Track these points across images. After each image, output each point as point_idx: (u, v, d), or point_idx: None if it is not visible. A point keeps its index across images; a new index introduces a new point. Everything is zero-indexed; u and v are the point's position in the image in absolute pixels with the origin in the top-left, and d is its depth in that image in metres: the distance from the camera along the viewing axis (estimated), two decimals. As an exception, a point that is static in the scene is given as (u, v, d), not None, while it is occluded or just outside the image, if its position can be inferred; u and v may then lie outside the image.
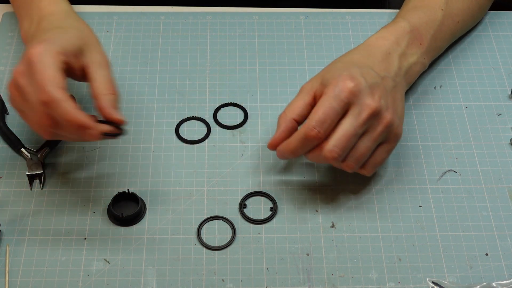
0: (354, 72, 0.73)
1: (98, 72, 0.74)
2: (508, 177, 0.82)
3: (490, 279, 0.74)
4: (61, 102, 0.68)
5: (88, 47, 0.75)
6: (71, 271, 0.74)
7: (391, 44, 0.81)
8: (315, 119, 0.71)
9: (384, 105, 0.73)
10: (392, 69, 0.79)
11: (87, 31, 0.78)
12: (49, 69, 0.69)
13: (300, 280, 0.74)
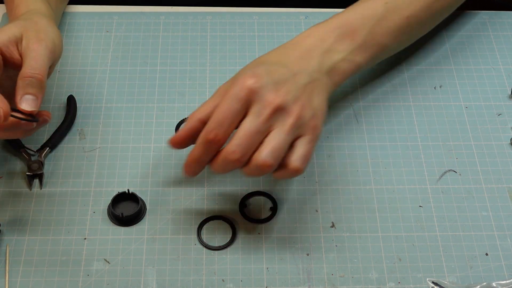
0: (258, 70, 0.71)
1: (27, 55, 0.71)
2: (508, 177, 0.82)
3: (490, 279, 0.74)
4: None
5: (27, 34, 0.73)
6: (71, 271, 0.74)
7: (315, 41, 0.77)
8: (213, 121, 0.68)
9: (291, 99, 0.70)
10: (310, 66, 0.75)
11: (36, 21, 0.76)
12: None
13: (300, 280, 0.74)
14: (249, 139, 0.68)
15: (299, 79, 0.72)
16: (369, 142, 0.85)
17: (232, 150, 0.68)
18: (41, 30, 0.75)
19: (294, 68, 0.73)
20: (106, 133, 0.85)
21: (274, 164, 0.69)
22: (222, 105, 0.69)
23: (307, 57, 0.76)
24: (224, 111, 0.68)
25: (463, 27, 0.98)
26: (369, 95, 0.90)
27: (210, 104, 0.71)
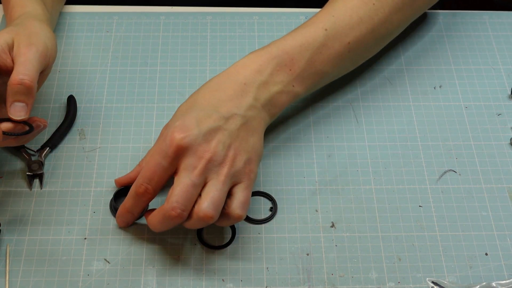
0: (187, 121, 0.70)
1: (16, 61, 0.70)
2: (508, 177, 0.82)
3: (490, 279, 0.74)
4: None
5: (18, 39, 0.72)
6: (71, 271, 0.74)
7: (251, 73, 0.75)
8: (142, 176, 0.70)
9: (222, 149, 0.70)
10: (244, 104, 0.73)
11: (28, 25, 0.75)
12: None
13: (300, 280, 0.74)
14: (186, 194, 0.68)
15: (231, 125, 0.72)
16: (369, 142, 0.85)
17: (171, 207, 0.68)
18: (32, 34, 0.73)
19: (226, 111, 0.72)
20: (106, 133, 0.85)
21: (215, 215, 0.69)
22: (150, 160, 0.70)
23: (242, 93, 0.74)
24: (153, 167, 0.70)
25: (463, 27, 0.98)
26: (369, 95, 0.90)
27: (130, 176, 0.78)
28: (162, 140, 0.71)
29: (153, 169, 0.70)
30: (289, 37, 0.80)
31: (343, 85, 0.91)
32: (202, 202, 0.69)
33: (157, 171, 0.70)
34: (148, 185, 0.70)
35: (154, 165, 0.70)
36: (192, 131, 0.69)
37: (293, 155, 0.84)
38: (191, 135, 0.69)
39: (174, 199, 0.68)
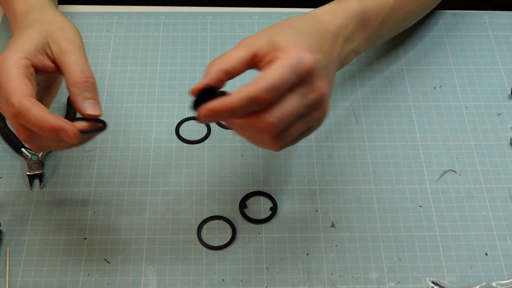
0: (311, 45, 0.66)
1: (66, 59, 0.69)
2: (508, 177, 0.82)
3: (490, 279, 0.74)
4: (28, 110, 0.63)
5: (52, 37, 0.70)
6: (71, 271, 0.74)
7: (340, 24, 0.73)
8: (269, 83, 0.62)
9: (328, 93, 0.67)
10: (334, 54, 0.71)
11: (51, 20, 0.73)
12: (11, 79, 0.65)
13: (300, 280, 0.74)
14: (290, 118, 0.64)
15: (331, 70, 0.69)
16: (369, 142, 0.85)
17: (272, 121, 0.62)
18: (62, 28, 0.72)
19: (327, 53, 0.69)
20: (106, 133, 0.85)
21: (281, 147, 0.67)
22: (279, 70, 0.63)
23: (334, 42, 0.71)
24: (281, 78, 0.62)
25: (463, 27, 0.98)
26: (369, 95, 0.90)
27: (236, 57, 0.66)
28: (289, 54, 0.63)
29: (283, 80, 0.62)
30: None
31: (343, 85, 0.91)
32: (293, 134, 0.66)
33: (286, 83, 0.62)
34: (272, 94, 0.62)
35: (285, 76, 0.62)
36: (319, 58, 0.65)
37: (293, 155, 0.84)
38: (318, 63, 0.65)
39: (277, 116, 0.63)
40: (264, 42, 0.66)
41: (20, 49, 0.68)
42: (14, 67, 0.66)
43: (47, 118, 0.63)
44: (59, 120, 0.64)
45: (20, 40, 0.69)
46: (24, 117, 0.64)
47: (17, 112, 0.64)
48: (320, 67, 0.65)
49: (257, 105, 0.63)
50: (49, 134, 0.64)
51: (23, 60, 0.67)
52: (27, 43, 0.69)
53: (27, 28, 0.72)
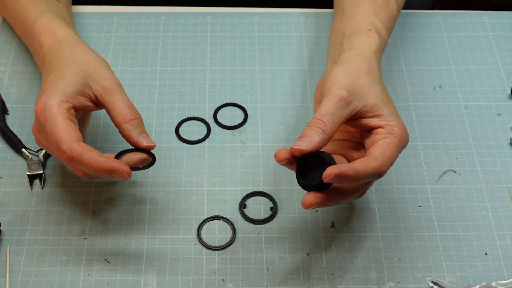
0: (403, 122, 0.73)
1: (111, 98, 0.73)
2: (507, 177, 0.82)
3: (490, 278, 0.74)
4: (80, 156, 0.68)
5: (92, 77, 0.73)
6: (72, 271, 0.74)
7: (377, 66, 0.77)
8: (390, 162, 0.69)
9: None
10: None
11: (85, 57, 0.76)
12: (57, 125, 0.69)
13: (300, 280, 0.74)
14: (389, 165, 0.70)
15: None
16: (369, 142, 0.85)
17: (382, 172, 0.69)
18: (99, 66, 0.75)
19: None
20: (106, 133, 0.85)
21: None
22: (395, 151, 0.70)
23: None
24: (395, 157, 0.70)
25: (463, 27, 0.98)
26: (369, 95, 0.90)
27: (337, 122, 0.69)
28: (400, 136, 0.70)
29: (393, 160, 0.70)
30: (385, 19, 0.83)
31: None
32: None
33: (393, 162, 0.70)
34: (385, 171, 0.69)
35: (395, 157, 0.70)
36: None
37: (293, 155, 0.84)
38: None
39: (387, 166, 0.69)
40: (363, 104, 0.71)
41: (61, 93, 0.71)
42: (58, 112, 0.69)
43: (99, 161, 0.68)
44: (111, 162, 0.68)
45: (60, 84, 0.71)
46: (77, 162, 0.68)
47: (69, 158, 0.68)
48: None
49: (376, 178, 0.69)
50: (103, 175, 0.69)
51: (65, 104, 0.70)
52: (67, 86, 0.71)
53: (63, 69, 0.73)
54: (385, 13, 0.83)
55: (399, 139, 0.70)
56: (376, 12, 0.82)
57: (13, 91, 0.89)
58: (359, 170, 0.66)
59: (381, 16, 0.82)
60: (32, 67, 0.92)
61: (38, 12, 0.82)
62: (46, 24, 0.80)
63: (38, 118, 0.70)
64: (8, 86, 0.90)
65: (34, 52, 0.83)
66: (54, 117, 0.69)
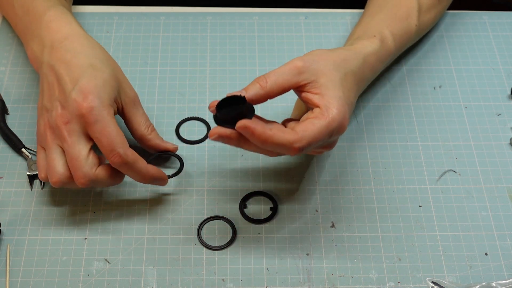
0: (350, 110, 0.72)
1: (133, 112, 0.76)
2: (507, 177, 0.82)
3: (490, 278, 0.74)
4: (135, 163, 0.71)
5: (122, 86, 0.75)
6: (72, 271, 0.74)
7: (375, 72, 0.80)
8: (308, 141, 0.68)
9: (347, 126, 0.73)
10: (358, 94, 0.78)
11: (112, 62, 0.77)
12: (111, 128, 0.70)
13: (300, 280, 0.74)
14: (314, 145, 0.69)
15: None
16: (369, 142, 0.85)
17: (299, 147, 0.67)
18: (122, 73, 0.77)
19: (354, 97, 0.76)
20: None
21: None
22: (319, 131, 0.68)
23: (362, 85, 0.79)
24: (319, 138, 0.68)
25: (463, 27, 0.98)
26: (369, 95, 0.90)
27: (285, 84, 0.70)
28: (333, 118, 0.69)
29: (318, 139, 0.68)
30: (396, 30, 0.84)
31: (343, 85, 0.91)
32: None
33: (318, 141, 0.69)
34: (305, 148, 0.68)
35: (322, 138, 0.69)
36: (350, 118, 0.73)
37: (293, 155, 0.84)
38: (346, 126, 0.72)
39: (305, 146, 0.68)
40: (314, 78, 0.71)
41: (108, 97, 0.72)
42: (109, 117, 0.71)
43: (149, 170, 0.73)
44: (158, 172, 0.75)
45: (106, 87, 0.72)
46: (129, 167, 0.71)
47: (123, 162, 0.70)
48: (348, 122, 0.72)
49: (290, 152, 0.68)
50: (147, 182, 0.74)
51: (112, 109, 0.72)
52: (112, 91, 0.73)
53: (102, 72, 0.73)
54: (399, 26, 0.84)
55: (328, 123, 0.68)
56: (390, 23, 0.84)
57: (13, 91, 0.89)
58: (269, 135, 0.66)
59: (394, 28, 0.83)
60: (32, 67, 0.92)
61: (49, 3, 0.81)
62: (59, 14, 0.79)
63: (84, 117, 0.69)
64: (8, 86, 0.90)
65: (33, 35, 0.80)
66: (107, 120, 0.70)
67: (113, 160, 0.70)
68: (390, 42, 0.82)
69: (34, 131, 0.85)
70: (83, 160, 0.70)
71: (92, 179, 0.71)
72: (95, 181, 0.71)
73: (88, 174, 0.70)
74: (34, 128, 0.85)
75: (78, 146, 0.70)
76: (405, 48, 0.89)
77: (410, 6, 0.86)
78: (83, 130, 0.71)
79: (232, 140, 0.68)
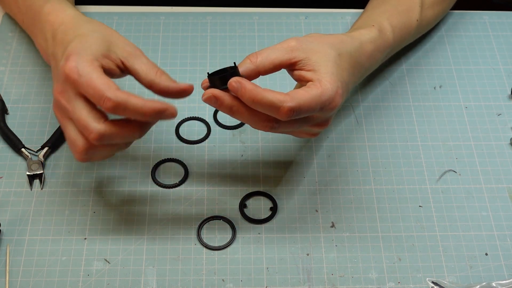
0: (343, 87, 0.72)
1: (137, 62, 0.73)
2: (508, 177, 0.82)
3: (490, 279, 0.74)
4: (128, 100, 0.67)
5: (114, 44, 0.73)
6: (72, 271, 0.74)
7: (373, 60, 0.79)
8: (299, 105, 0.67)
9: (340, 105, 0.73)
10: (356, 81, 0.78)
11: (104, 28, 0.76)
12: (94, 77, 0.68)
13: (300, 280, 0.74)
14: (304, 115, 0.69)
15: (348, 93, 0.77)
16: (369, 142, 0.85)
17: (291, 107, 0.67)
18: (118, 36, 0.75)
19: (352, 84, 0.77)
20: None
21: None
22: (311, 99, 0.68)
23: (362, 75, 0.80)
24: (310, 106, 0.68)
25: (463, 27, 0.98)
26: (369, 95, 0.90)
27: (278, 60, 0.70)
28: (325, 89, 0.69)
29: (308, 108, 0.68)
30: (396, 22, 0.84)
31: (343, 85, 0.91)
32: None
33: (308, 111, 0.68)
34: (295, 114, 0.67)
35: (312, 107, 0.68)
36: (346, 96, 0.73)
37: (293, 155, 0.84)
38: (344, 98, 0.72)
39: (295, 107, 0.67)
40: (308, 56, 0.71)
41: (90, 53, 0.70)
42: (91, 68, 0.68)
43: (148, 103, 0.67)
44: (158, 103, 0.67)
45: (87, 46, 0.71)
46: (124, 107, 0.66)
47: (115, 105, 0.66)
48: (342, 101, 0.71)
49: (278, 114, 0.67)
50: (151, 117, 0.68)
51: (96, 62, 0.70)
52: (94, 48, 0.71)
53: (86, 37, 0.72)
54: (400, 19, 0.84)
55: (320, 92, 0.68)
56: (390, 15, 0.84)
57: (13, 91, 0.89)
58: (260, 91, 0.66)
59: (393, 20, 0.83)
60: (31, 67, 0.92)
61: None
62: (56, 5, 0.80)
63: (68, 76, 0.68)
64: (8, 86, 0.90)
65: (38, 31, 0.81)
66: (90, 72, 0.68)
67: (105, 106, 0.67)
68: (388, 33, 0.82)
69: (34, 131, 0.85)
70: (86, 117, 0.68)
71: (102, 133, 0.68)
72: (108, 135, 0.68)
73: (96, 128, 0.68)
74: (34, 128, 0.85)
75: (78, 107, 0.69)
76: (405, 43, 0.88)
77: (413, 1, 0.87)
78: (76, 92, 0.69)
79: (223, 102, 0.68)
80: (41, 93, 0.89)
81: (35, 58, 0.93)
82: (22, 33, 0.95)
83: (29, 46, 0.94)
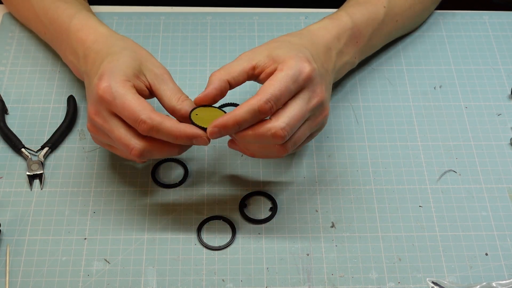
0: (308, 56, 0.72)
1: (162, 86, 0.74)
2: (508, 177, 0.82)
3: (490, 279, 0.74)
4: (162, 124, 0.68)
5: (144, 64, 0.74)
6: (71, 271, 0.74)
7: (332, 38, 0.79)
8: (271, 93, 0.68)
9: (327, 99, 0.73)
10: (330, 65, 0.78)
11: (136, 47, 0.77)
12: (130, 99, 0.69)
13: (300, 280, 0.74)
14: (297, 123, 0.70)
15: (328, 79, 0.76)
16: (369, 142, 0.85)
17: (283, 127, 0.68)
18: (151, 57, 0.77)
19: (324, 65, 0.76)
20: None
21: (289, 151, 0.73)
22: (280, 80, 0.69)
23: (328, 54, 0.78)
24: (282, 88, 0.69)
25: (463, 27, 0.98)
26: (369, 95, 0.90)
27: (238, 68, 0.73)
28: (289, 65, 0.70)
29: (283, 89, 0.69)
30: (356, 10, 0.84)
31: (343, 85, 0.91)
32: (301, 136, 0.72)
33: (285, 93, 0.69)
34: (274, 104, 0.69)
35: (285, 86, 0.69)
36: (315, 67, 0.72)
37: (293, 155, 0.84)
38: (315, 71, 0.71)
39: (286, 120, 0.69)
40: (264, 55, 0.73)
41: (122, 73, 0.71)
42: (125, 89, 0.70)
43: (181, 128, 0.69)
44: (193, 128, 0.70)
45: (119, 66, 0.72)
46: (158, 130, 0.68)
47: (150, 127, 0.68)
48: (318, 75, 0.71)
49: (262, 115, 0.68)
50: (184, 141, 0.70)
51: (129, 83, 0.71)
52: (126, 68, 0.72)
53: (119, 55, 0.73)
54: (359, 8, 0.84)
55: (285, 72, 0.69)
56: (348, 6, 0.85)
57: (12, 91, 0.89)
58: (238, 114, 0.68)
59: (350, 9, 0.84)
60: (31, 67, 0.92)
61: (73, 9, 0.83)
62: (84, 21, 0.80)
63: (103, 98, 0.69)
64: (8, 86, 0.90)
65: (67, 46, 0.82)
66: (124, 93, 0.69)
67: (141, 129, 0.69)
68: (343, 17, 0.82)
69: (34, 131, 0.85)
70: (125, 135, 0.70)
71: (142, 150, 0.70)
72: (148, 151, 0.70)
73: (136, 145, 0.69)
74: (34, 128, 0.85)
75: (115, 126, 0.70)
76: (379, 30, 0.87)
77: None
78: (111, 112, 0.70)
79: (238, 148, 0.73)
80: (41, 93, 0.89)
81: (35, 58, 0.93)
82: (22, 33, 0.95)
83: (29, 46, 0.94)
